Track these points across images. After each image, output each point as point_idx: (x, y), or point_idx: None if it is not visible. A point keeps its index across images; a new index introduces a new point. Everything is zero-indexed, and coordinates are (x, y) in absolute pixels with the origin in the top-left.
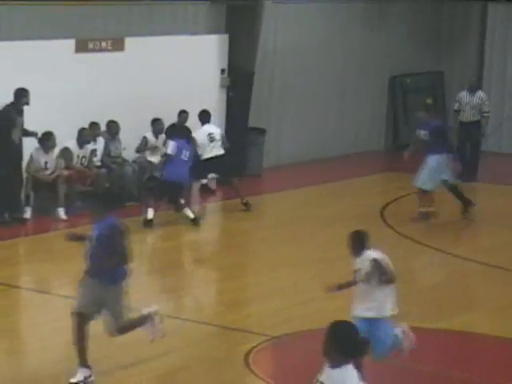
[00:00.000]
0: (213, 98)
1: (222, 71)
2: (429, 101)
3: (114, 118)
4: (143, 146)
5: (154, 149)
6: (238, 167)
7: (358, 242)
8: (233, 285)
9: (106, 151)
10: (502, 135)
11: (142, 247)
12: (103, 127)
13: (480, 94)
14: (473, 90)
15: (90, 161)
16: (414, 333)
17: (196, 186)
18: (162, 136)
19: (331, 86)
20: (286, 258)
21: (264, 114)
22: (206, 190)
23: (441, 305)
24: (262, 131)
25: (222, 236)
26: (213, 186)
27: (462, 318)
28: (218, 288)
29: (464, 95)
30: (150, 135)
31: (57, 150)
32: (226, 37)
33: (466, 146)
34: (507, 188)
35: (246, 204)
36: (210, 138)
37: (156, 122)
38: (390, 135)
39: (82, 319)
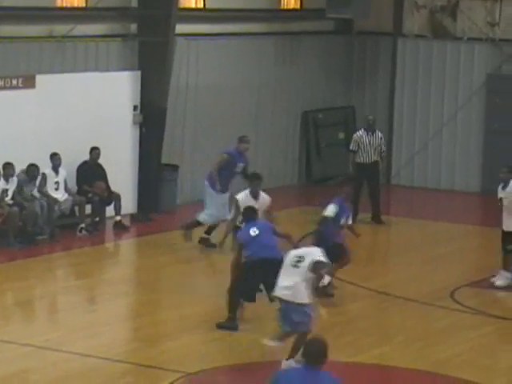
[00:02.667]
0: (126, 134)
1: (135, 108)
2: (341, 136)
3: (26, 156)
4: (43, 183)
5: (56, 184)
6: (152, 204)
7: None
8: (149, 321)
9: (18, 190)
10: (413, 169)
11: (54, 285)
12: (18, 165)
13: (378, 133)
14: (371, 130)
15: (2, 200)
16: (330, 367)
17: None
18: (62, 171)
19: (244, 121)
20: (204, 292)
21: (177, 150)
22: (119, 227)
23: (357, 338)
24: (175, 167)
25: (138, 272)
26: (127, 222)
27: (377, 351)
28: (134, 324)
29: (362, 135)
30: (48, 171)
31: None
32: (138, 73)
33: (367, 188)
34: (419, 222)
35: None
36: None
37: (54, 157)
38: (303, 170)
39: None
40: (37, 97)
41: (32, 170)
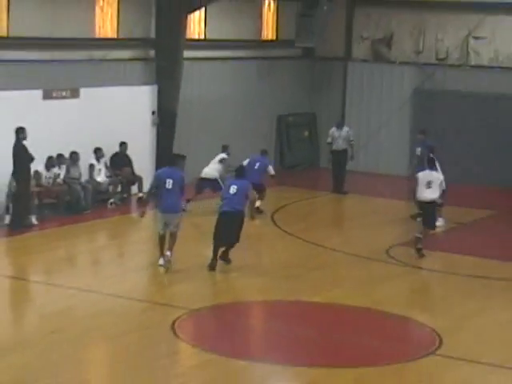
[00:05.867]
0: (146, 133)
1: (153, 113)
2: (306, 134)
3: (73, 149)
4: (92, 171)
5: (99, 171)
6: None
7: None
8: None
9: (68, 173)
10: (359, 159)
11: (93, 244)
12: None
13: (346, 128)
14: (340, 126)
15: (55, 180)
16: (293, 306)
17: None
18: (104, 159)
19: (234, 124)
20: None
21: (184, 144)
22: (141, 201)
23: (316, 284)
24: (182, 157)
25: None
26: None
27: (331, 294)
28: (152, 271)
29: (334, 130)
30: (94, 161)
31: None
32: (155, 87)
33: (337, 168)
34: (365, 197)
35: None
36: None
37: (98, 151)
38: (277, 160)
39: None
40: (80, 104)
41: (74, 156)
